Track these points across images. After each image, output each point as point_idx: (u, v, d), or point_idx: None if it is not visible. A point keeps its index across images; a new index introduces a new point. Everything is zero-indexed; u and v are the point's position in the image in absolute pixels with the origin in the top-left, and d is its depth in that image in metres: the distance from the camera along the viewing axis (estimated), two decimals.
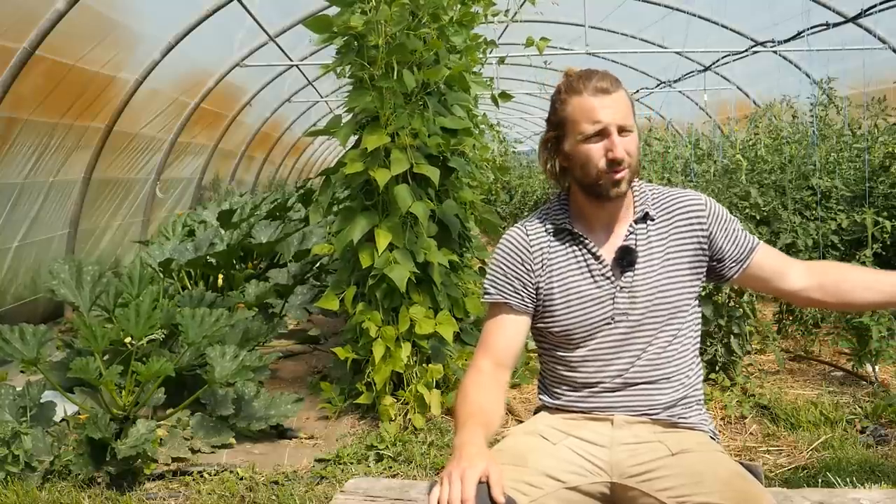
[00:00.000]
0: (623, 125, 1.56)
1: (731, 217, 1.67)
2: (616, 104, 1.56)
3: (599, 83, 1.57)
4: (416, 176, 3.67)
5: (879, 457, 3.14)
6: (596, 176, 1.58)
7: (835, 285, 1.62)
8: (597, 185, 1.59)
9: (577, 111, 1.57)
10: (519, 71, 11.18)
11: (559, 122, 1.62)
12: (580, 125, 1.57)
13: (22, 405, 3.35)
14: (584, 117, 1.56)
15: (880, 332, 3.87)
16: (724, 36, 8.78)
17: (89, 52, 5.61)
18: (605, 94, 1.56)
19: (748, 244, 1.65)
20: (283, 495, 2.97)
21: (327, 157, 19.81)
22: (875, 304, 1.64)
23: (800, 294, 1.65)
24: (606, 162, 1.56)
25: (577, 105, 1.57)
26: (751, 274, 1.65)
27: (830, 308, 1.77)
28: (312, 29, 3.53)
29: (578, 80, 1.59)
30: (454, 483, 1.30)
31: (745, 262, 1.64)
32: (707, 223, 1.63)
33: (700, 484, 1.43)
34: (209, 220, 6.84)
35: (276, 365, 4.82)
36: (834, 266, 1.71)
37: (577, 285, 1.62)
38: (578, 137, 1.58)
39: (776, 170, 5.72)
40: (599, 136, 1.56)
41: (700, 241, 1.63)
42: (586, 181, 1.60)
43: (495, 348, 1.64)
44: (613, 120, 1.55)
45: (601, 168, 1.56)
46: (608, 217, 1.65)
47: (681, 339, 1.62)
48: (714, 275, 1.67)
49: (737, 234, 1.65)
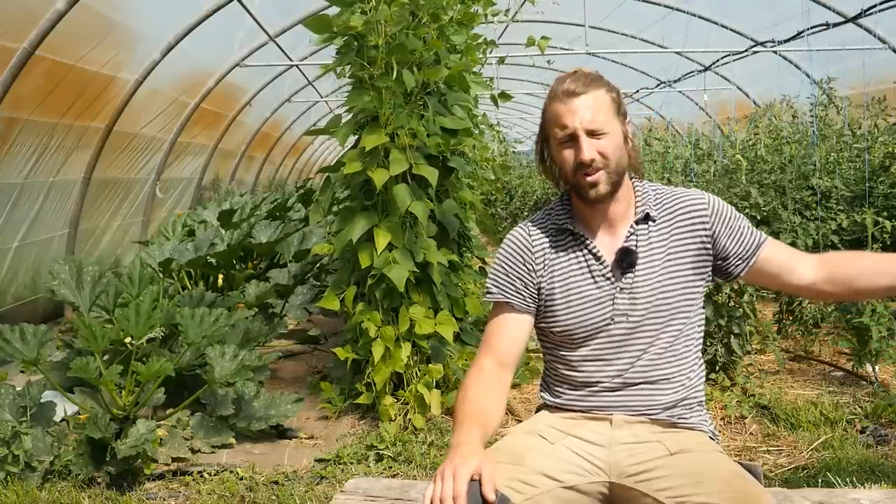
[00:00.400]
0: (592, 128, 1.55)
1: (737, 214, 1.65)
2: (585, 106, 1.55)
3: (570, 86, 1.56)
4: (416, 176, 3.67)
5: (879, 457, 3.14)
6: (573, 179, 1.59)
7: (844, 276, 1.58)
8: (577, 188, 1.60)
9: (551, 116, 1.60)
10: (519, 71, 11.18)
11: (541, 126, 1.65)
12: (553, 130, 1.59)
13: (22, 405, 3.35)
14: (556, 122, 1.58)
15: (880, 332, 3.87)
16: (724, 36, 8.78)
17: (89, 52, 5.61)
18: (574, 96, 1.55)
19: (754, 241, 1.62)
20: (283, 495, 2.97)
21: (327, 157, 19.82)
22: (889, 288, 1.56)
23: (810, 288, 1.62)
24: (575, 166, 1.56)
25: (552, 110, 1.59)
26: (758, 270, 1.63)
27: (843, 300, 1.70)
28: (312, 29, 3.53)
29: (558, 84, 1.59)
30: (446, 480, 1.32)
31: (752, 260, 1.62)
32: (710, 222, 1.62)
33: (699, 484, 1.43)
34: (209, 220, 6.84)
35: (276, 365, 4.82)
36: (842, 256, 1.65)
37: (577, 286, 1.63)
38: (554, 143, 1.61)
39: (776, 170, 5.72)
40: (570, 140, 1.57)
41: (703, 241, 1.62)
42: (569, 183, 1.63)
43: (497, 347, 1.65)
44: (581, 123, 1.54)
45: (573, 171, 1.58)
46: (606, 217, 1.64)
47: (682, 341, 1.62)
48: (721, 273, 1.66)
49: (742, 232, 1.63)
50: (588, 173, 1.55)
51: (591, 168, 1.55)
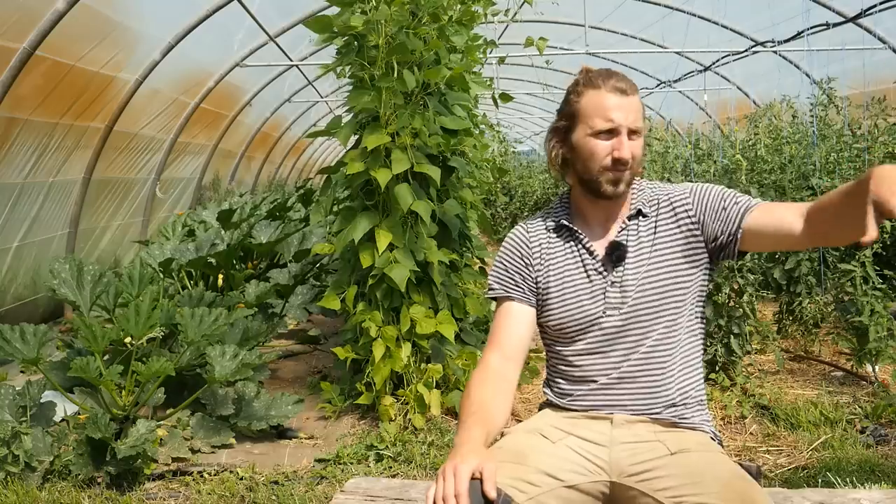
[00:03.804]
0: (633, 128, 1.60)
1: (721, 194, 1.61)
2: (632, 107, 1.60)
3: (619, 83, 1.60)
4: (417, 176, 3.67)
5: (879, 457, 3.14)
6: (597, 172, 1.61)
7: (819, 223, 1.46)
8: (595, 182, 1.62)
9: (592, 105, 1.60)
10: (519, 71, 11.19)
11: (571, 112, 1.64)
12: (592, 119, 1.60)
13: (22, 405, 3.35)
14: (598, 113, 1.59)
15: (878, 332, 3.87)
16: (723, 36, 8.79)
17: (89, 52, 5.61)
18: (623, 94, 1.59)
19: (738, 212, 1.58)
20: (283, 495, 2.97)
21: (327, 157, 19.82)
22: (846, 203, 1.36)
23: (803, 240, 1.52)
24: (612, 160, 1.59)
25: (593, 99, 1.60)
26: (752, 238, 1.58)
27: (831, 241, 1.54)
28: (313, 29, 3.53)
29: (598, 77, 1.62)
30: (448, 479, 1.33)
31: (738, 233, 1.57)
32: (693, 209, 1.64)
33: (699, 484, 1.43)
34: (209, 220, 6.84)
35: (276, 365, 4.82)
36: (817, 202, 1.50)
37: (571, 279, 1.66)
38: (588, 131, 1.61)
39: (776, 170, 5.72)
40: (609, 135, 1.59)
41: (690, 229, 1.63)
42: (586, 176, 1.63)
43: (502, 342, 1.67)
44: (626, 121, 1.58)
45: (604, 165, 1.60)
46: (605, 215, 1.68)
47: (678, 333, 1.62)
48: (722, 254, 1.63)
49: (727, 210, 1.59)
50: (620, 170, 1.59)
51: (624, 167, 1.59)
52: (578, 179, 1.67)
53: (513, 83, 12.57)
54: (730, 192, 1.64)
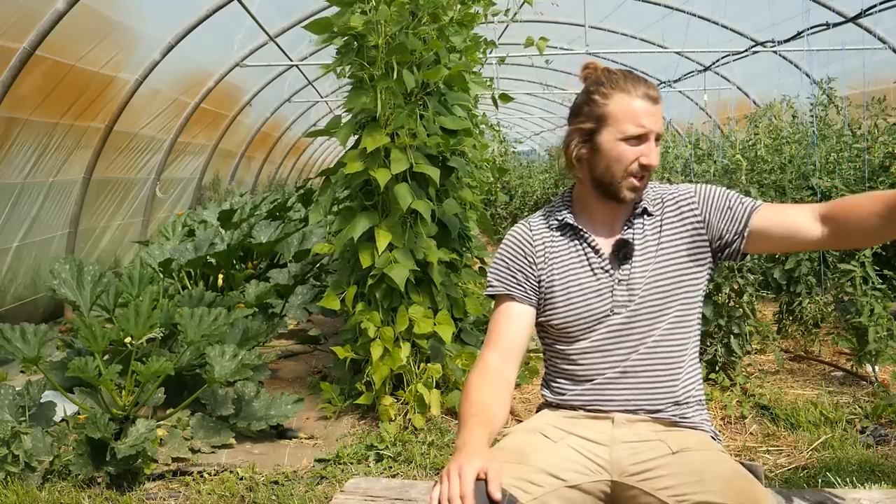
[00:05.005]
0: (660, 135, 1.62)
1: (725, 192, 1.65)
2: (658, 114, 1.62)
3: (650, 91, 1.61)
4: (416, 176, 3.67)
5: (879, 457, 3.14)
6: (620, 176, 1.61)
7: (844, 225, 1.51)
8: (615, 185, 1.62)
9: (624, 110, 1.60)
10: (519, 71, 11.19)
11: (600, 115, 1.62)
12: (623, 125, 1.60)
13: (22, 405, 3.35)
14: (630, 118, 1.59)
15: (878, 333, 3.87)
16: (723, 36, 8.79)
17: (89, 52, 5.61)
18: (654, 102, 1.61)
19: (745, 211, 1.61)
20: (283, 495, 2.97)
21: (327, 157, 19.83)
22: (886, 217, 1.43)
23: (818, 242, 1.56)
24: (639, 166, 1.60)
25: (626, 105, 1.60)
26: (759, 238, 1.60)
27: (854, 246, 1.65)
28: (313, 31, 3.53)
29: (626, 80, 1.62)
30: (452, 479, 1.32)
31: (745, 230, 1.60)
32: (699, 208, 1.65)
33: (700, 483, 1.43)
34: (209, 220, 6.84)
35: (276, 365, 4.82)
36: (839, 205, 1.55)
37: (577, 278, 1.66)
38: (618, 136, 1.60)
39: (776, 170, 5.72)
40: (638, 140, 1.60)
41: (695, 228, 1.64)
42: (605, 179, 1.63)
43: (501, 341, 1.66)
44: (655, 128, 1.60)
45: (630, 170, 1.60)
46: (612, 214, 1.68)
47: (681, 331, 1.63)
48: (725, 253, 1.65)
49: (731, 205, 1.62)
50: (643, 176, 1.61)
51: (648, 173, 1.62)
52: (594, 181, 1.65)
53: (513, 83, 12.57)
54: (734, 192, 1.66)
